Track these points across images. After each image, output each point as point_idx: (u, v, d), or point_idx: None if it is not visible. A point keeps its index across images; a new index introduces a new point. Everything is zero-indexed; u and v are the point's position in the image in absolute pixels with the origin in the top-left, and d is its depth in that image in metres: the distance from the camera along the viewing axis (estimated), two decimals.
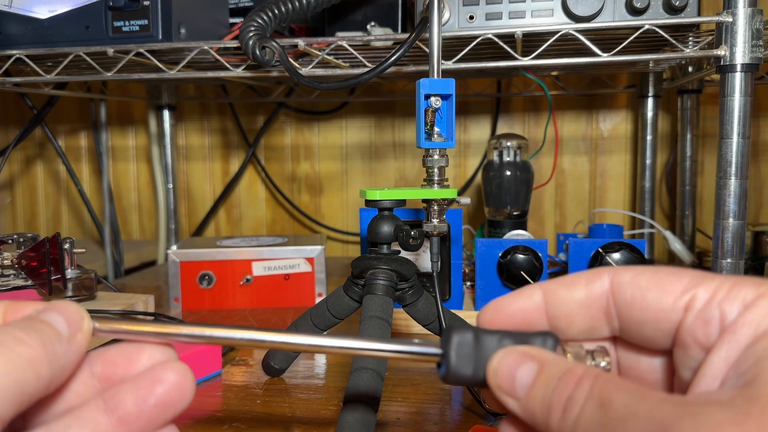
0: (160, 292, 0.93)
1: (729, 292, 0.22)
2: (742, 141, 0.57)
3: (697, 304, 0.23)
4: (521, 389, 0.23)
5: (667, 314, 0.23)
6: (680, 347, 0.23)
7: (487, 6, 0.63)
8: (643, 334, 0.24)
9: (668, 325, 0.23)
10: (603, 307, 0.25)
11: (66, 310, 0.24)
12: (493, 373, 0.24)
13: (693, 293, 0.23)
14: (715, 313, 0.22)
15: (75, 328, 0.24)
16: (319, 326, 0.53)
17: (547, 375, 0.23)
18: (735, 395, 0.20)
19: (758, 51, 0.57)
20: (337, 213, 1.21)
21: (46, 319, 0.24)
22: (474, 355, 0.24)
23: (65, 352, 0.23)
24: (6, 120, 1.29)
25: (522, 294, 0.26)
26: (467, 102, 1.13)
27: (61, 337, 0.23)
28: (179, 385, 0.25)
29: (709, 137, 1.07)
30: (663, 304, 0.23)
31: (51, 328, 0.23)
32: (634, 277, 0.24)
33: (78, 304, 0.26)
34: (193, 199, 1.25)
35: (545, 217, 1.15)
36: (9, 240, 0.68)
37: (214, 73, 0.71)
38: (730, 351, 0.21)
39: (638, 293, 0.24)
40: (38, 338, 0.22)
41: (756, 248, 0.84)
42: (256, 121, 1.21)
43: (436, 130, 0.52)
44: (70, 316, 0.24)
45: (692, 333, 0.23)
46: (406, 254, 0.58)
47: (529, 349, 0.24)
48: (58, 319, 0.24)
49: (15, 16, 0.70)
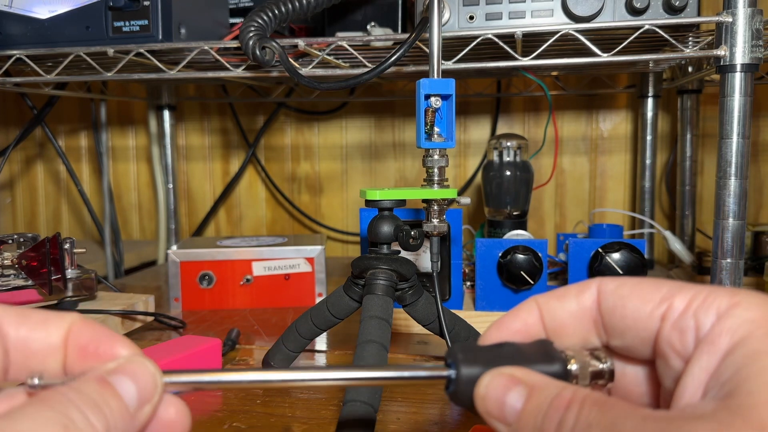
0: (160, 292, 0.93)
1: (704, 301, 0.23)
2: (742, 141, 0.57)
3: (673, 314, 0.23)
4: (511, 415, 0.23)
5: (645, 323, 0.24)
6: (660, 357, 0.24)
7: (487, 6, 0.63)
8: (625, 343, 0.25)
9: (646, 334, 0.24)
10: (592, 317, 0.26)
11: (140, 378, 0.23)
12: (481, 399, 0.24)
13: (669, 302, 0.23)
14: (690, 323, 0.23)
15: (145, 400, 0.23)
16: (319, 326, 0.53)
17: (537, 400, 0.23)
18: (717, 407, 0.20)
19: (758, 51, 0.57)
20: (337, 213, 1.21)
21: (118, 390, 0.22)
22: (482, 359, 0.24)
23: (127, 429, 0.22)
24: (6, 120, 1.29)
25: (522, 310, 0.27)
26: (467, 102, 1.13)
27: (127, 414, 0.22)
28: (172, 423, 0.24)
29: (709, 137, 1.07)
30: (641, 313, 0.24)
31: (120, 406, 0.22)
32: (617, 287, 0.25)
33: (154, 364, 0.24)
34: (193, 199, 1.25)
35: (545, 217, 1.15)
36: (9, 240, 0.68)
37: (214, 73, 0.71)
38: (710, 360, 0.22)
39: (619, 302, 0.25)
40: (104, 423, 0.21)
41: (756, 248, 0.84)
42: (256, 121, 1.21)
43: (436, 130, 0.52)
44: (143, 386, 0.23)
45: (669, 342, 0.23)
46: (406, 254, 0.58)
47: (517, 372, 0.24)
48: (131, 390, 0.23)
49: (15, 16, 0.70)
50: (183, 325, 0.74)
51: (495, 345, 0.25)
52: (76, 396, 0.21)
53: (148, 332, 0.73)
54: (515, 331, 0.26)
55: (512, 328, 0.27)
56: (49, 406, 0.21)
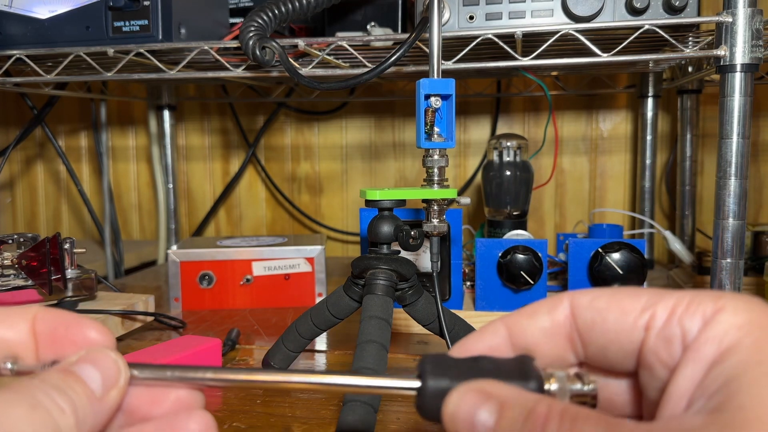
0: (160, 292, 0.93)
1: (688, 307, 0.22)
2: (742, 141, 0.57)
3: (657, 323, 0.22)
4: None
5: (628, 335, 0.23)
6: (644, 368, 0.23)
7: (487, 6, 0.63)
8: (607, 358, 0.24)
9: (630, 346, 0.23)
10: (566, 333, 0.25)
11: (103, 364, 0.24)
12: (450, 419, 0.22)
13: (652, 311, 0.22)
14: (676, 331, 0.22)
15: (110, 385, 0.23)
16: (319, 326, 0.53)
17: (510, 416, 0.21)
18: (707, 422, 0.19)
19: (758, 51, 0.57)
20: (337, 213, 1.21)
21: (82, 376, 0.23)
22: (452, 373, 0.23)
23: (96, 412, 0.23)
24: (6, 120, 1.29)
25: (486, 331, 0.26)
26: (467, 102, 1.13)
27: (94, 398, 0.23)
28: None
29: (709, 137, 1.07)
30: (623, 325, 0.23)
31: (85, 389, 0.23)
32: (592, 300, 0.24)
33: (117, 353, 0.24)
34: (193, 199, 1.25)
35: (545, 217, 1.15)
36: (9, 240, 0.68)
37: (214, 73, 0.71)
38: (695, 370, 0.21)
39: (598, 316, 0.23)
40: (71, 405, 0.22)
41: (756, 248, 0.84)
42: (256, 121, 1.21)
43: (436, 130, 0.52)
44: (107, 371, 0.23)
45: (655, 353, 0.22)
46: (406, 254, 0.58)
47: (486, 386, 0.22)
48: (94, 376, 0.23)
49: (15, 16, 0.70)
50: (183, 325, 0.74)
51: (471, 358, 0.24)
52: (41, 383, 0.22)
53: (148, 332, 0.73)
54: (479, 351, 0.25)
55: (477, 350, 0.25)
56: (16, 391, 0.21)
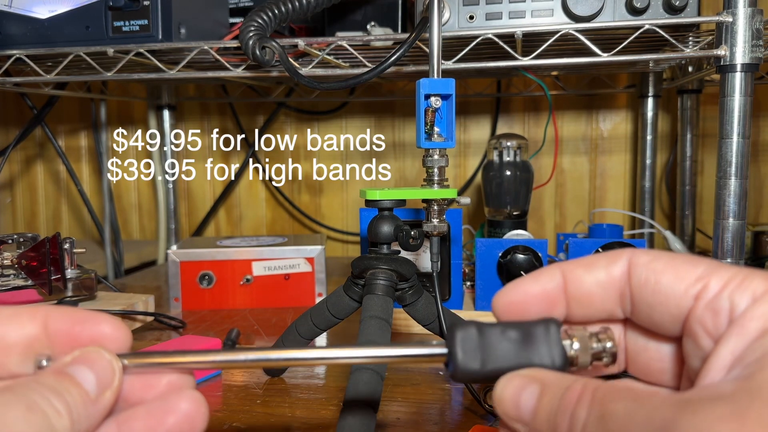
0: (160, 292, 0.93)
1: (740, 283, 0.22)
2: (742, 141, 0.57)
3: (708, 294, 0.23)
4: (527, 414, 0.23)
5: (678, 300, 0.23)
6: (689, 336, 0.23)
7: (487, 6, 0.63)
8: (652, 318, 0.24)
9: (678, 311, 0.23)
10: (619, 288, 0.25)
11: (98, 365, 0.24)
12: (498, 402, 0.24)
13: (705, 282, 0.23)
14: (725, 304, 0.22)
15: (105, 386, 0.24)
16: (319, 326, 0.53)
17: (549, 396, 0.23)
18: (736, 389, 0.20)
19: (758, 51, 0.57)
20: (337, 213, 1.21)
21: (76, 378, 0.23)
22: (480, 349, 0.25)
23: (90, 414, 0.23)
24: (6, 120, 1.29)
25: (543, 274, 0.26)
26: (467, 102, 1.13)
27: (89, 399, 0.23)
28: (190, 416, 0.24)
29: (709, 137, 1.07)
30: (675, 289, 0.23)
31: (80, 391, 0.23)
32: (651, 260, 0.24)
33: (110, 352, 0.25)
34: (193, 199, 1.25)
35: (545, 217, 1.15)
36: (9, 240, 0.68)
37: (214, 73, 0.71)
38: (738, 343, 0.21)
39: (652, 276, 0.24)
40: (66, 407, 0.22)
41: (756, 248, 0.84)
42: (256, 121, 1.21)
43: (436, 130, 0.52)
44: (101, 372, 0.24)
45: (701, 322, 0.23)
46: (406, 254, 0.58)
47: (531, 372, 0.24)
48: (89, 378, 0.23)
49: (15, 16, 0.70)
50: (183, 325, 0.74)
51: (497, 327, 0.25)
52: (37, 385, 0.22)
53: (148, 332, 0.73)
54: (534, 295, 0.26)
55: (530, 292, 0.26)
56: (12, 392, 0.21)
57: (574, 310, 0.26)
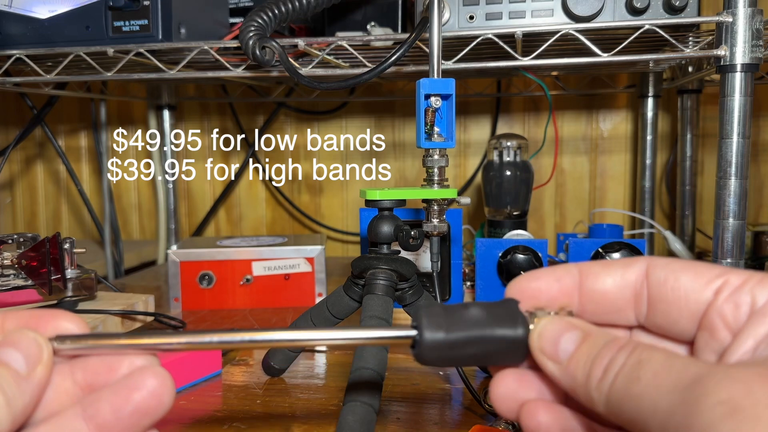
0: (160, 292, 0.93)
1: (760, 280, 0.23)
2: (742, 141, 0.57)
3: (729, 288, 0.23)
4: (564, 354, 0.24)
5: (698, 295, 0.24)
6: (706, 330, 0.24)
7: (487, 6, 0.63)
8: (669, 316, 0.25)
9: (697, 306, 0.24)
10: (634, 291, 0.26)
11: (23, 344, 0.24)
12: (537, 336, 0.25)
13: (725, 278, 0.24)
14: (747, 298, 0.23)
15: (34, 362, 0.24)
16: (319, 326, 0.53)
17: (590, 342, 0.24)
18: (760, 362, 0.20)
19: (758, 51, 0.57)
20: (337, 213, 1.21)
21: (2, 359, 0.23)
22: (445, 322, 0.25)
23: (24, 391, 0.23)
24: (6, 120, 1.29)
25: (560, 269, 0.27)
26: (467, 102, 1.13)
27: (19, 377, 0.23)
28: (157, 392, 0.24)
29: (709, 137, 1.07)
30: (695, 285, 0.24)
31: (8, 370, 0.23)
32: (668, 263, 0.25)
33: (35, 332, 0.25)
34: (193, 199, 1.25)
35: (545, 217, 1.15)
36: (9, 240, 0.68)
37: (214, 73, 0.71)
38: (759, 330, 0.22)
39: (672, 275, 0.25)
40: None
41: (756, 248, 0.84)
42: (256, 121, 1.21)
43: (436, 130, 0.52)
44: (27, 350, 0.24)
45: (721, 315, 0.23)
46: (406, 254, 0.58)
47: (574, 321, 0.25)
48: (15, 356, 0.24)
49: (15, 16, 0.70)
50: (183, 325, 0.74)
51: (461, 306, 0.26)
52: None
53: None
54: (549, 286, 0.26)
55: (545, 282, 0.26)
56: None
57: (586, 307, 0.26)
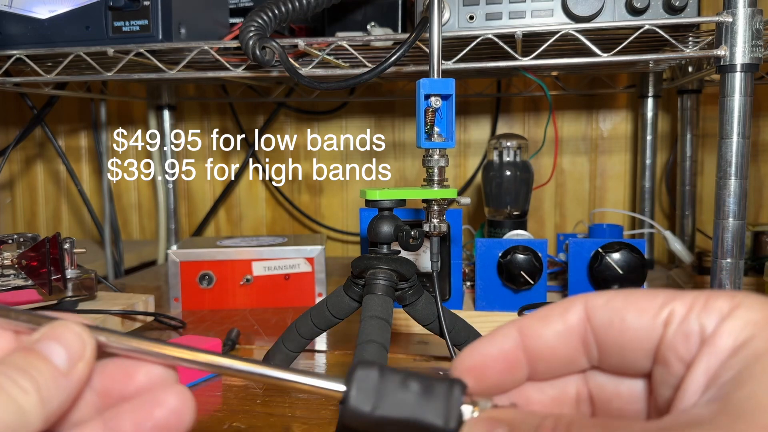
0: (160, 292, 0.93)
1: (705, 304, 0.22)
2: (742, 141, 0.57)
3: (676, 318, 0.22)
4: None
5: (647, 332, 0.23)
6: (661, 364, 0.23)
7: (487, 6, 0.63)
8: (623, 358, 0.24)
9: (649, 343, 0.23)
10: (581, 336, 0.24)
11: (66, 338, 0.23)
12: None
13: (670, 308, 0.22)
14: (695, 326, 0.22)
15: (76, 358, 0.23)
16: (319, 326, 0.53)
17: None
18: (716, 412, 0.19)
19: (758, 51, 0.57)
20: (337, 213, 1.21)
21: (44, 353, 0.22)
22: (375, 393, 0.23)
23: (62, 389, 0.22)
24: (6, 120, 1.29)
25: (498, 335, 0.25)
26: (467, 102, 1.13)
27: (59, 374, 0.22)
28: (178, 410, 0.24)
29: (709, 137, 1.07)
30: (642, 322, 0.23)
31: (49, 366, 0.22)
32: (607, 301, 0.24)
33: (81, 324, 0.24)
34: (193, 199, 1.25)
35: (545, 217, 1.15)
36: (9, 240, 0.68)
37: (214, 73, 0.71)
38: (710, 363, 0.21)
39: (615, 315, 0.23)
40: (34, 384, 0.21)
41: (756, 248, 0.84)
42: (256, 121, 1.21)
43: (436, 130, 0.52)
44: (70, 345, 0.23)
45: (673, 348, 0.22)
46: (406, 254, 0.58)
47: (496, 413, 0.23)
48: (58, 351, 0.23)
49: (15, 16, 0.70)
50: (183, 325, 0.74)
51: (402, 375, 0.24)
52: (2, 366, 0.21)
53: (148, 332, 0.73)
54: (492, 357, 0.25)
55: (488, 354, 0.25)
56: None
57: (537, 367, 0.25)
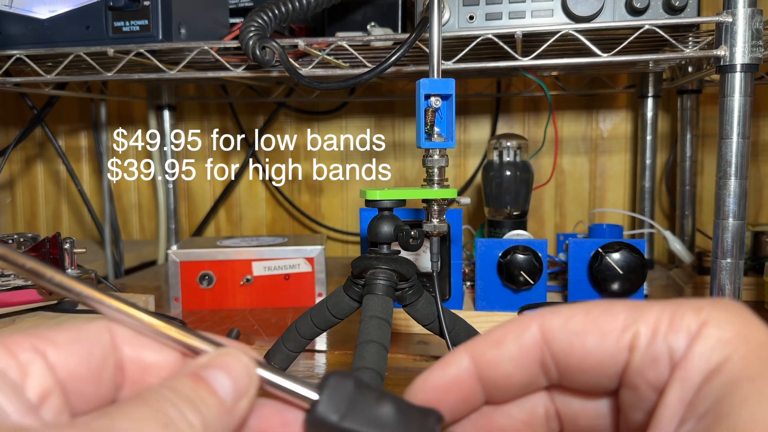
0: (160, 292, 0.93)
1: (671, 323, 0.21)
2: (742, 141, 0.57)
3: (642, 342, 0.21)
4: None
5: (611, 358, 0.21)
6: (629, 388, 0.22)
7: (487, 6, 0.63)
8: (587, 382, 0.23)
9: (614, 369, 0.22)
10: (537, 358, 0.23)
11: (235, 370, 0.21)
12: None
13: (634, 330, 0.21)
14: (663, 349, 0.21)
15: (241, 393, 0.21)
16: (319, 326, 0.53)
17: None
18: None
19: (758, 51, 0.57)
20: (337, 213, 1.21)
21: (213, 385, 0.21)
22: (347, 404, 0.22)
23: (225, 426, 0.21)
24: (6, 120, 1.29)
25: (449, 364, 0.23)
26: (467, 102, 1.13)
27: (225, 410, 0.21)
28: None
29: (709, 137, 1.07)
30: (605, 348, 0.21)
31: (216, 401, 0.21)
32: (565, 322, 0.22)
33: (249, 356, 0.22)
34: (193, 199, 1.25)
35: (545, 217, 1.15)
36: (9, 240, 0.68)
37: (214, 73, 0.71)
38: (684, 391, 0.20)
39: (576, 340, 0.22)
40: (201, 420, 0.20)
41: (756, 248, 0.84)
42: (256, 121, 1.21)
43: (436, 130, 0.52)
44: (238, 378, 0.21)
45: (641, 374, 0.21)
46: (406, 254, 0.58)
47: None
48: (225, 383, 0.21)
49: (15, 16, 0.70)
50: (183, 325, 0.73)
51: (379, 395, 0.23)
52: (172, 394, 0.20)
53: None
54: (444, 388, 0.23)
55: (439, 386, 0.23)
56: (147, 405, 0.19)
57: (493, 393, 0.24)
